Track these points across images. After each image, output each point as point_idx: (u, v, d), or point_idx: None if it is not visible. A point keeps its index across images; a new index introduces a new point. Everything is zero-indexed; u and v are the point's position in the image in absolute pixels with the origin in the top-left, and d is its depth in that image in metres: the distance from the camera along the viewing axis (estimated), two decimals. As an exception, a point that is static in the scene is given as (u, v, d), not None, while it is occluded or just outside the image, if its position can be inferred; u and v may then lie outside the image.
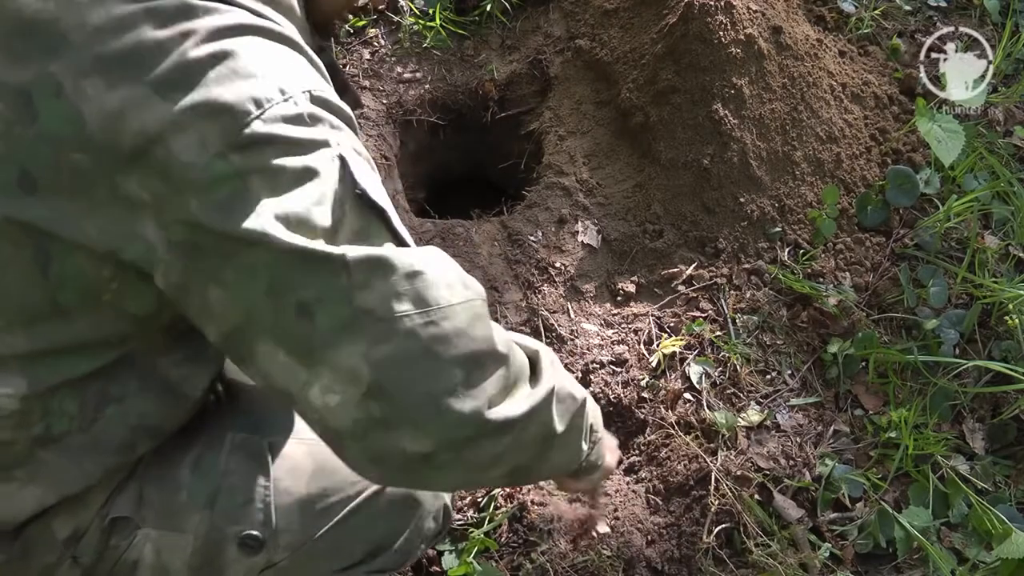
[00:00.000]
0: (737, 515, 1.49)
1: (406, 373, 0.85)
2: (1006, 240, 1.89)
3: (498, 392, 0.91)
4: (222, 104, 0.81)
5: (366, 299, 0.83)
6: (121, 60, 0.81)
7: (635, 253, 1.87)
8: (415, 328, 0.85)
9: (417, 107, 2.15)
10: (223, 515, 1.05)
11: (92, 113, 0.81)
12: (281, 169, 0.82)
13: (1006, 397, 1.71)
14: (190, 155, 0.80)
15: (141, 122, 0.81)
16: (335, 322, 0.84)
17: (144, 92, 0.81)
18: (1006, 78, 2.19)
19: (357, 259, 0.83)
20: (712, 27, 1.78)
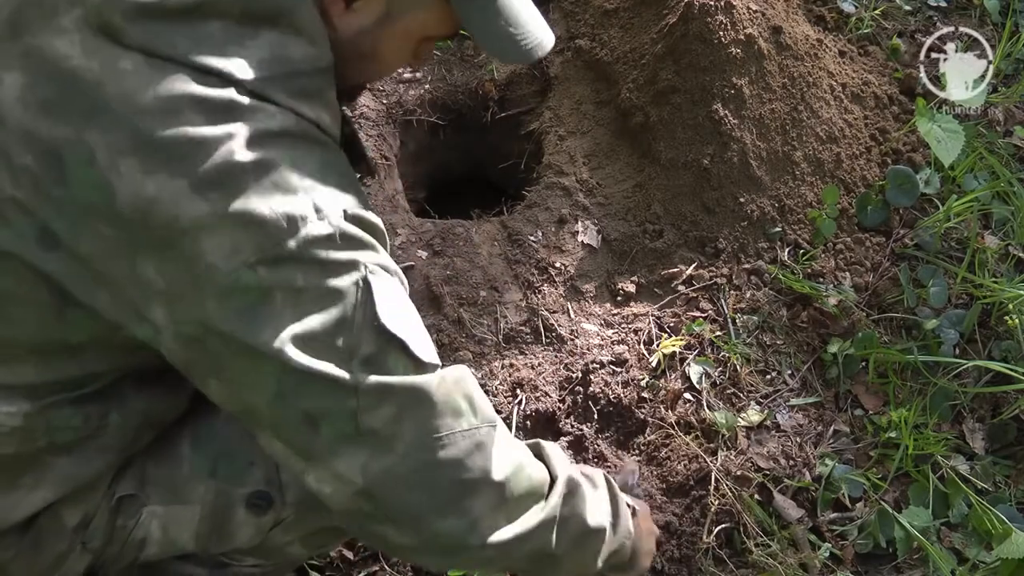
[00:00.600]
0: (737, 515, 1.49)
1: (397, 488, 0.91)
2: (1006, 240, 1.89)
3: (487, 515, 0.95)
4: (259, 217, 0.82)
5: (372, 421, 0.88)
6: (162, 148, 0.81)
7: (635, 253, 1.87)
8: (412, 453, 0.90)
9: (417, 107, 2.15)
10: (227, 479, 1.08)
11: (124, 191, 0.81)
12: (306, 289, 0.84)
13: (1006, 397, 1.71)
14: (218, 258, 0.81)
15: (174, 214, 0.81)
16: (338, 435, 0.88)
17: (181, 186, 0.81)
18: (1006, 78, 2.19)
19: (368, 386, 0.86)
20: (712, 27, 1.78)
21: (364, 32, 0.98)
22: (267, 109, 0.85)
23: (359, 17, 0.97)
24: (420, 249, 1.84)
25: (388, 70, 1.12)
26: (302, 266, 0.84)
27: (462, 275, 1.80)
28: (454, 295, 1.77)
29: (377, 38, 0.99)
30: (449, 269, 1.81)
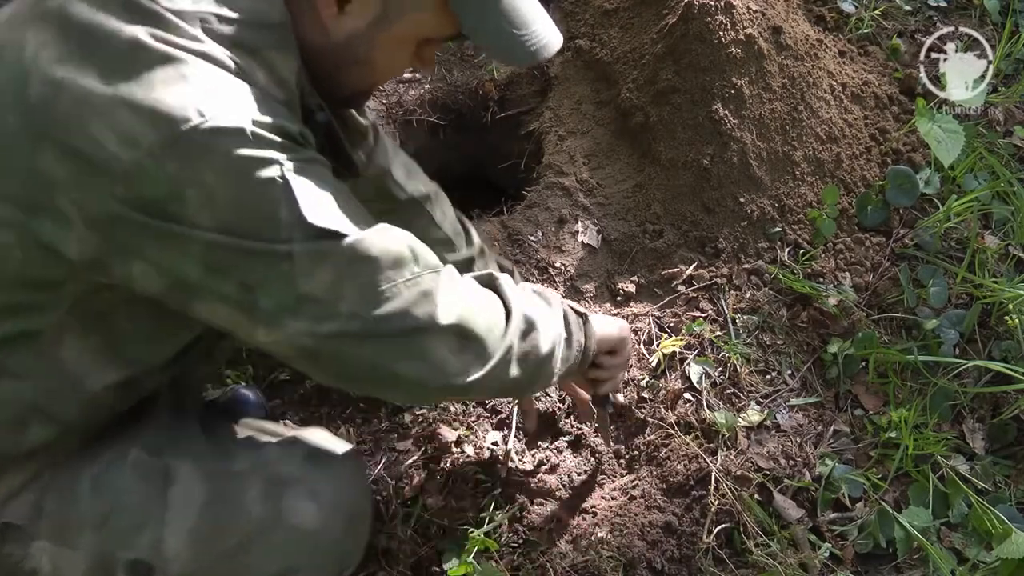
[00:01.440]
0: (737, 515, 1.49)
1: (347, 348, 0.91)
2: (1006, 240, 1.89)
3: (447, 357, 0.96)
4: (160, 104, 0.80)
5: (310, 287, 0.86)
6: (77, 35, 0.82)
7: (635, 253, 1.87)
8: (357, 311, 0.89)
9: (417, 107, 2.15)
10: (113, 537, 1.02)
11: (36, 78, 0.82)
12: (219, 185, 0.82)
13: (1006, 397, 1.71)
14: (118, 148, 0.80)
15: (78, 100, 0.80)
16: (278, 302, 0.87)
17: (89, 73, 0.81)
18: (1006, 78, 2.19)
19: (301, 251, 0.85)
20: (712, 27, 1.78)
21: (358, 36, 0.96)
22: (187, 31, 0.84)
23: (352, 20, 0.95)
24: (420, 249, 1.84)
25: (387, 75, 1.09)
26: (211, 162, 0.81)
27: (462, 275, 1.80)
28: (454, 295, 1.77)
29: (372, 42, 0.97)
30: (449, 269, 1.81)
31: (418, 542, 1.51)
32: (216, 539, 1.04)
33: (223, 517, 1.04)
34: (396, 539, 1.50)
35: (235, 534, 1.04)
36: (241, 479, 1.06)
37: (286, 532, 1.06)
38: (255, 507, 1.05)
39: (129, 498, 1.02)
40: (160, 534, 1.01)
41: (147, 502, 1.02)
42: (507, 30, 0.97)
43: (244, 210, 0.83)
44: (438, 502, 1.53)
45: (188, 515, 1.03)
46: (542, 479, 1.56)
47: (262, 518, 1.05)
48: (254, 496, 1.05)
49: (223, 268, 0.85)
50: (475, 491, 1.55)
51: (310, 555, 1.09)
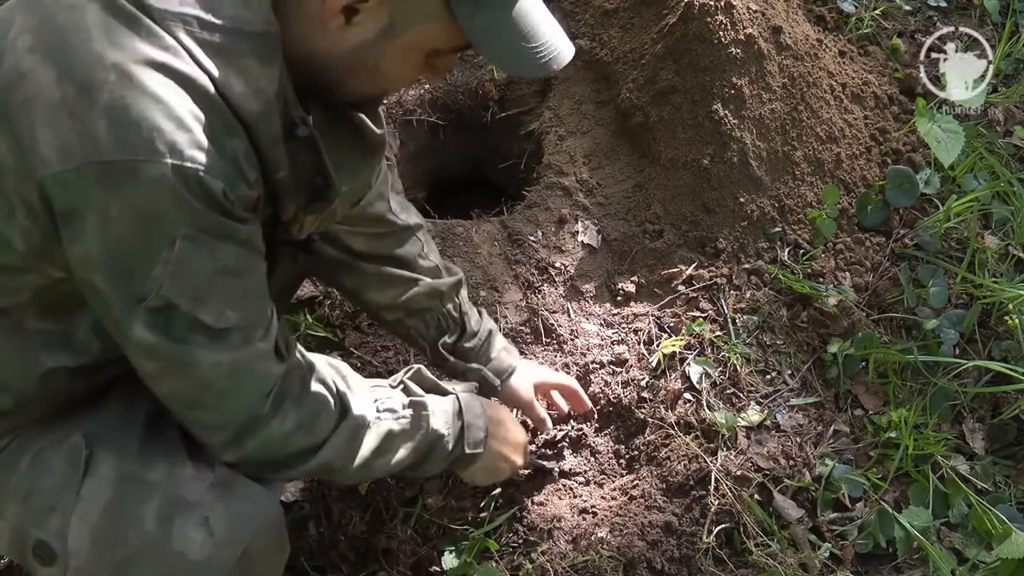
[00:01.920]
0: (737, 515, 1.49)
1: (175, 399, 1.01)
2: (1006, 240, 1.89)
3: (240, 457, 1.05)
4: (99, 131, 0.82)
5: (142, 365, 0.96)
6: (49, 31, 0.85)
7: (635, 253, 1.87)
8: (166, 393, 1.00)
9: (417, 107, 2.15)
10: (30, 515, 1.02)
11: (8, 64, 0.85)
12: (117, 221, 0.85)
13: (1006, 397, 1.71)
14: (50, 152, 0.83)
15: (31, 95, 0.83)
16: (120, 335, 0.94)
17: (49, 72, 0.83)
18: (1006, 78, 2.19)
19: (152, 307, 0.90)
20: (712, 27, 1.78)
21: (365, 45, 0.96)
22: (165, 40, 0.85)
23: (359, 30, 0.95)
24: (420, 249, 1.84)
25: (397, 83, 1.10)
26: (121, 199, 0.83)
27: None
28: (454, 295, 1.77)
29: (380, 51, 0.97)
30: (449, 269, 1.81)
31: (418, 542, 1.51)
32: (110, 545, 1.01)
33: (119, 524, 1.01)
34: (396, 539, 1.50)
35: (125, 546, 1.01)
36: (147, 490, 1.02)
37: (169, 558, 1.01)
38: (148, 523, 1.01)
39: (51, 479, 1.02)
40: (67, 522, 1.00)
41: (63, 487, 1.01)
42: (515, 43, 0.97)
43: (126, 254, 0.87)
44: (438, 502, 1.53)
45: (93, 512, 1.00)
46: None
47: (151, 537, 1.01)
48: (151, 511, 1.01)
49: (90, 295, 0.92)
50: (475, 491, 1.55)
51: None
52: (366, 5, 0.93)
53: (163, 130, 0.83)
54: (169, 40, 0.85)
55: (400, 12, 0.94)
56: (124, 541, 1.00)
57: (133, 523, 1.00)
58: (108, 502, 1.01)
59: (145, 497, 1.01)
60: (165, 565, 1.01)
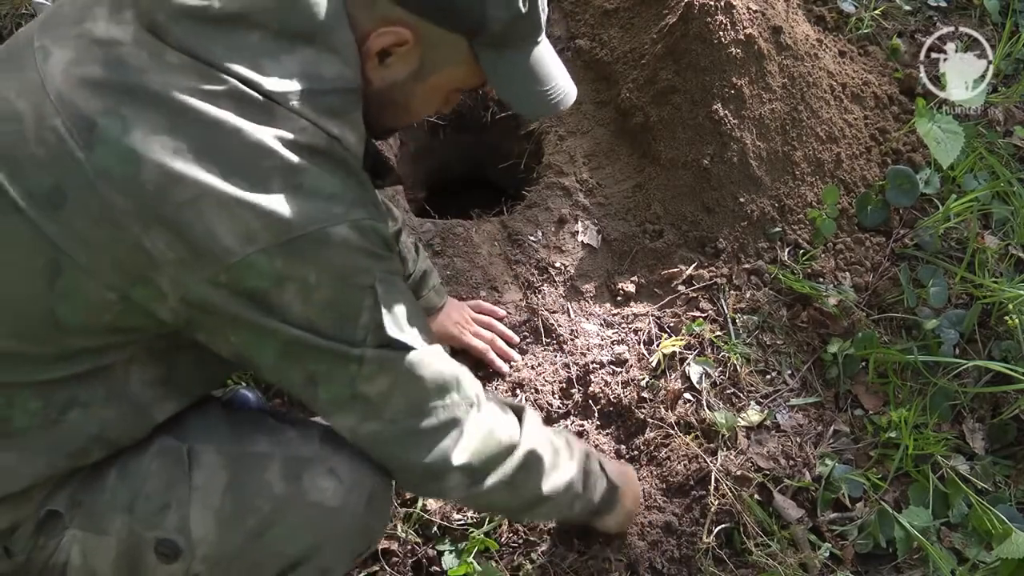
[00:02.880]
0: (737, 515, 1.49)
1: (379, 447, 1.07)
2: (1006, 240, 1.89)
3: (456, 481, 1.09)
4: (280, 211, 0.88)
5: (367, 389, 0.99)
6: (197, 129, 0.87)
7: (635, 253, 1.87)
8: (398, 419, 1.03)
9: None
10: (141, 520, 1.05)
11: (151, 165, 0.86)
12: (318, 287, 0.92)
13: (1006, 397, 1.71)
14: (232, 242, 0.87)
15: (195, 195, 0.86)
16: (335, 396, 1.00)
17: (210, 170, 0.86)
18: (1006, 78, 2.19)
19: (370, 358, 0.97)
20: (712, 27, 1.78)
21: (397, 85, 1.04)
22: (298, 121, 0.91)
23: (392, 71, 1.02)
24: (420, 249, 1.84)
25: (419, 116, 1.18)
26: (317, 265, 0.91)
27: (462, 275, 1.80)
28: (454, 295, 1.77)
29: (410, 91, 1.05)
30: (449, 269, 1.81)
31: (418, 542, 1.51)
32: (240, 520, 1.06)
33: (246, 498, 1.07)
34: (396, 539, 1.50)
35: (257, 514, 1.07)
36: (262, 460, 1.09)
37: (307, 510, 1.09)
38: (276, 487, 1.07)
39: (154, 482, 1.06)
40: (186, 515, 1.05)
41: (172, 485, 1.05)
42: (532, 87, 1.07)
43: (334, 310, 0.94)
44: (438, 502, 1.53)
45: (212, 497, 1.06)
46: None
47: (283, 497, 1.08)
48: (275, 476, 1.08)
49: (296, 359, 0.96)
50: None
51: (332, 532, 1.11)
52: (400, 50, 0.99)
53: (331, 197, 0.91)
54: (301, 121, 0.91)
55: (429, 57, 1.02)
56: (253, 511, 1.06)
57: (260, 492, 1.07)
58: (227, 483, 1.06)
59: (264, 466, 1.08)
60: (304, 518, 1.09)
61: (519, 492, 1.18)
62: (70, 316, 0.92)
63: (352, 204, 0.94)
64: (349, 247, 0.92)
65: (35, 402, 0.97)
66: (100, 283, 0.90)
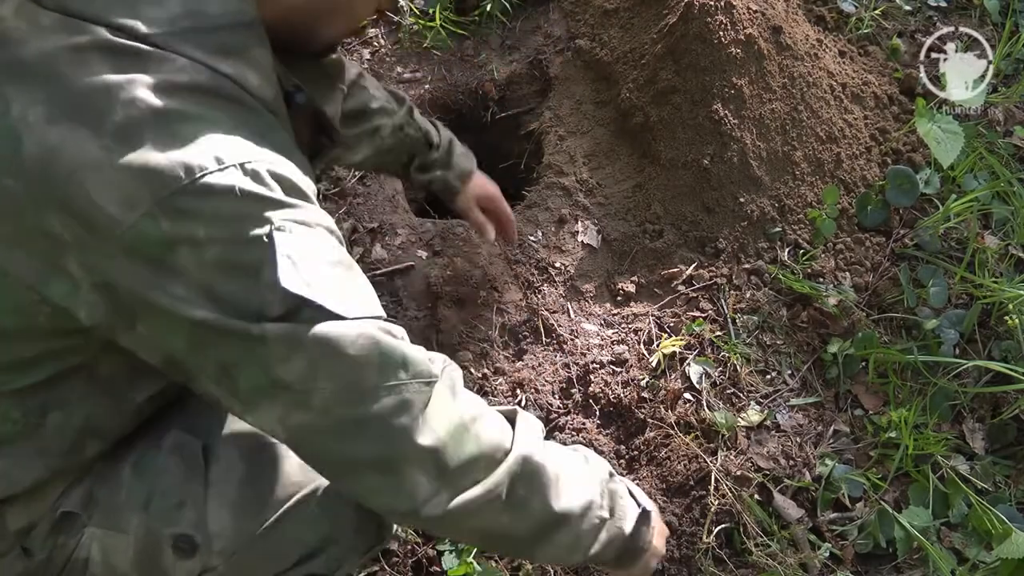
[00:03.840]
0: (737, 515, 1.49)
1: (321, 443, 0.88)
2: (1006, 240, 1.89)
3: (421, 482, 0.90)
4: (155, 166, 0.79)
5: (284, 374, 0.83)
6: (66, 96, 0.81)
7: (635, 253, 1.87)
8: (331, 408, 0.85)
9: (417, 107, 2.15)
10: (158, 516, 1.04)
11: (29, 141, 0.81)
12: (209, 242, 0.80)
13: (1006, 397, 1.71)
14: (117, 210, 0.80)
15: (73, 165, 0.80)
16: (253, 386, 0.85)
17: (82, 136, 0.80)
18: (1006, 78, 2.19)
19: (276, 335, 0.82)
20: (712, 27, 1.78)
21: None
22: (176, 61, 0.83)
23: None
24: (420, 249, 1.84)
25: (357, 19, 1.07)
26: (203, 219, 0.80)
27: (462, 275, 1.80)
28: (454, 295, 1.77)
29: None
30: (449, 269, 1.81)
31: (418, 542, 1.51)
32: (256, 512, 1.06)
33: (262, 490, 1.07)
34: (396, 539, 1.50)
35: (274, 506, 1.06)
36: (278, 452, 1.08)
37: (324, 500, 1.08)
38: (294, 477, 1.07)
39: (169, 478, 1.05)
40: (203, 510, 1.04)
41: (188, 480, 1.05)
42: None
43: (230, 271, 0.82)
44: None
45: (229, 490, 1.05)
46: None
47: (299, 489, 1.07)
48: (292, 467, 1.07)
49: (205, 347, 0.84)
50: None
51: (348, 523, 1.11)
52: None
53: (214, 141, 0.82)
54: (180, 60, 0.84)
55: None
56: (270, 503, 1.05)
57: (276, 483, 1.06)
58: (243, 476, 1.06)
59: (279, 458, 1.07)
60: (319, 508, 1.08)
61: (522, 513, 0.97)
62: (5, 322, 0.88)
63: (240, 147, 0.83)
64: (237, 195, 0.80)
65: (15, 411, 0.95)
66: (20, 284, 0.85)
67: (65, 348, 0.93)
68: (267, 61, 0.91)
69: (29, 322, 0.88)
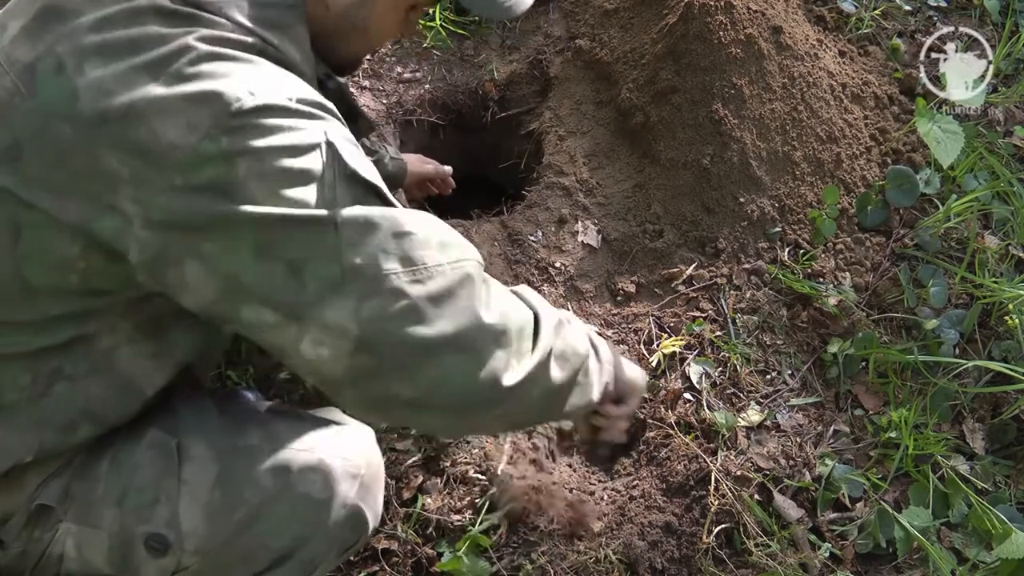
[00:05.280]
0: (737, 515, 1.49)
1: (393, 328, 0.88)
2: (1006, 240, 1.89)
3: (492, 352, 0.92)
4: (212, 92, 0.85)
5: (355, 257, 0.86)
6: (121, 44, 0.87)
7: (635, 253, 1.87)
8: (402, 286, 0.87)
9: (417, 107, 2.15)
10: (132, 513, 1.05)
11: (86, 89, 0.86)
12: (269, 151, 0.86)
13: (1006, 397, 1.71)
14: (177, 136, 0.85)
15: (130, 101, 0.85)
16: (324, 280, 0.86)
17: (137, 74, 0.86)
18: (1006, 78, 2.19)
19: (347, 218, 0.86)
20: (712, 27, 1.78)
21: (355, 6, 1.04)
22: (226, 24, 0.91)
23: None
24: (420, 249, 1.84)
25: (380, 41, 1.17)
26: (262, 133, 0.85)
27: (462, 275, 1.80)
28: (454, 295, 1.77)
29: (369, 10, 1.06)
30: (449, 269, 1.81)
31: (418, 542, 1.51)
32: (229, 513, 1.06)
33: (234, 491, 1.07)
34: (396, 539, 1.50)
35: (246, 507, 1.07)
36: (251, 453, 1.09)
37: (295, 502, 1.09)
38: (265, 480, 1.07)
39: (144, 475, 1.06)
40: (176, 509, 1.05)
41: (162, 479, 1.05)
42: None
43: (293, 173, 0.86)
44: (437, 502, 1.53)
45: (201, 490, 1.06)
46: None
47: (271, 490, 1.08)
48: (263, 469, 1.08)
49: (272, 248, 0.86)
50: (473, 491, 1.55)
51: (320, 524, 1.11)
52: None
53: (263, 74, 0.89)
54: (229, 24, 0.91)
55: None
56: (241, 504, 1.06)
57: (249, 485, 1.06)
58: (216, 477, 1.06)
59: (253, 459, 1.07)
60: (292, 510, 1.08)
61: (566, 363, 1.03)
62: (36, 277, 0.92)
63: (284, 81, 0.91)
64: (288, 110, 0.88)
65: (23, 376, 0.97)
66: (63, 235, 0.89)
67: (87, 311, 0.96)
68: (307, 42, 0.99)
69: (59, 280, 0.92)
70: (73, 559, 1.06)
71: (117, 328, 1.00)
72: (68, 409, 1.01)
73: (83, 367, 1.00)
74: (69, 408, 1.01)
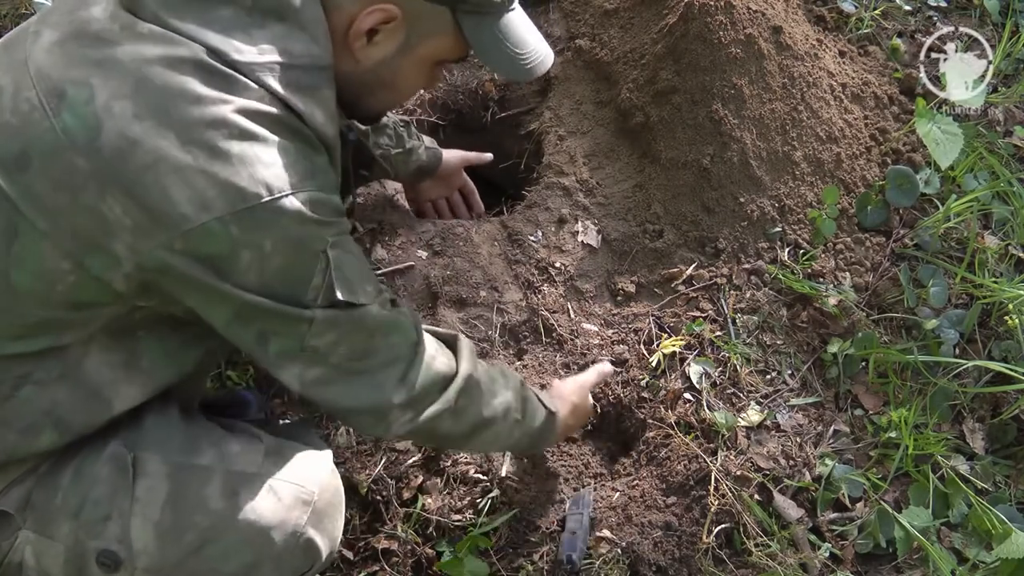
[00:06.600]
0: (737, 515, 1.49)
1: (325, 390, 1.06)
2: (1006, 240, 1.89)
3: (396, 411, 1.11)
4: (235, 180, 0.89)
5: (315, 342, 1.01)
6: (155, 96, 0.89)
7: (635, 253, 1.87)
8: (341, 363, 1.05)
9: (417, 107, 2.15)
10: (86, 528, 1.05)
11: (110, 129, 0.88)
12: (273, 251, 0.93)
13: (1006, 397, 1.71)
14: (189, 209, 0.89)
15: (154, 160, 0.88)
16: (282, 351, 1.02)
17: (167, 136, 0.88)
18: (1006, 78, 2.19)
19: (321, 319, 1.00)
20: (712, 27, 1.78)
21: (384, 62, 1.07)
22: (258, 91, 0.93)
23: (380, 49, 1.05)
24: (420, 249, 1.84)
25: (407, 95, 1.22)
26: (271, 233, 0.92)
27: (462, 275, 1.80)
28: (454, 295, 1.77)
29: (397, 66, 1.09)
30: (449, 269, 1.81)
31: (418, 542, 1.51)
32: (178, 534, 1.06)
33: (184, 512, 1.06)
34: (396, 539, 1.50)
35: (195, 529, 1.06)
36: (204, 473, 1.08)
37: (244, 527, 1.08)
38: (214, 502, 1.07)
39: (100, 489, 1.05)
40: (127, 526, 1.04)
41: (115, 494, 1.05)
42: (514, 52, 1.12)
43: (288, 275, 0.96)
44: (437, 502, 1.53)
45: (153, 509, 1.05)
46: None
47: (220, 513, 1.07)
48: (214, 491, 1.08)
49: (250, 320, 0.98)
50: (474, 491, 1.55)
51: (270, 550, 1.10)
52: (387, 26, 1.03)
53: (285, 166, 0.93)
54: (261, 91, 0.93)
55: (415, 30, 1.05)
56: (192, 526, 1.06)
57: (199, 507, 1.06)
58: (167, 496, 1.06)
59: (204, 481, 1.08)
60: (240, 536, 1.08)
61: (462, 418, 1.20)
62: (23, 281, 0.94)
63: (305, 176, 0.95)
64: (302, 217, 0.94)
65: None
66: (56, 250, 0.92)
67: (66, 322, 0.98)
68: (333, 102, 1.02)
69: (46, 287, 0.94)
70: (32, 568, 1.06)
71: (93, 338, 1.01)
72: (31, 411, 1.01)
73: (54, 373, 1.01)
74: (32, 410, 1.01)
